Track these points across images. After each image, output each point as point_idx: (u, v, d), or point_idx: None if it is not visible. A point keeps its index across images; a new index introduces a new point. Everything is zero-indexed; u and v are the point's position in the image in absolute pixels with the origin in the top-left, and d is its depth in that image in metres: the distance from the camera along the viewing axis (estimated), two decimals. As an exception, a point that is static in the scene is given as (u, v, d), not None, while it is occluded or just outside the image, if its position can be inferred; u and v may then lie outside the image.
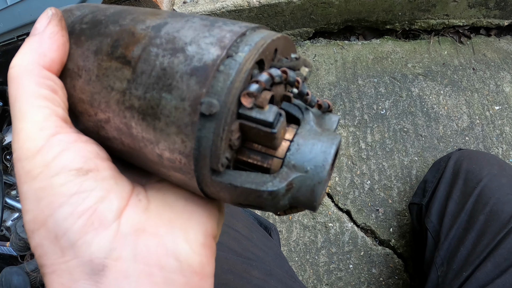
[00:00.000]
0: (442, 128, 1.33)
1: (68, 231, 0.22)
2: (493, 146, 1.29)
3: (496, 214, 0.78)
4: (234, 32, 0.23)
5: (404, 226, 1.20)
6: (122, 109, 0.24)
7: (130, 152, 0.25)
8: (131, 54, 0.23)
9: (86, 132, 0.27)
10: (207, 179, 0.23)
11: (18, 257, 1.12)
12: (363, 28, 1.55)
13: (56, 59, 0.26)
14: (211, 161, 0.22)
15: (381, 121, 1.36)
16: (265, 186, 0.22)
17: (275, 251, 0.88)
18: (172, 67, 0.22)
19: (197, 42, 0.22)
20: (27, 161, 0.23)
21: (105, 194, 0.23)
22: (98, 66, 0.24)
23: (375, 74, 1.45)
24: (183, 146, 0.22)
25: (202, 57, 0.22)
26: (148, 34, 0.24)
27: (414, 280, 1.13)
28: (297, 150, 0.23)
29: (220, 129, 0.21)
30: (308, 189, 0.22)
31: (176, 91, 0.22)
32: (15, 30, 1.05)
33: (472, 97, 1.38)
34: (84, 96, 0.25)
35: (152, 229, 0.24)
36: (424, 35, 1.52)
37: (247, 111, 0.22)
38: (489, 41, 1.49)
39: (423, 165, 1.27)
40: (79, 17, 0.27)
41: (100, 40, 0.25)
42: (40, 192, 0.22)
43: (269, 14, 1.44)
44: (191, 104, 0.21)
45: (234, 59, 0.21)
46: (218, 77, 0.21)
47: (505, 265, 0.71)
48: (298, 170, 0.22)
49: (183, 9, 1.41)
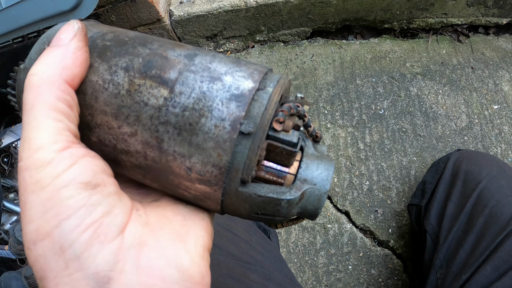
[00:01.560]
0: (440, 127, 1.33)
1: (74, 243, 0.22)
2: (492, 146, 1.28)
3: (495, 216, 0.78)
4: (260, 70, 0.28)
5: (403, 226, 1.19)
6: (155, 123, 0.26)
7: (149, 166, 0.27)
8: (168, 76, 0.26)
9: (97, 145, 0.28)
10: (233, 190, 0.26)
11: (17, 261, 1.11)
12: (361, 27, 1.54)
13: (78, 75, 0.26)
14: (243, 173, 0.26)
15: (380, 121, 1.36)
16: (284, 195, 0.27)
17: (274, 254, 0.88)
18: (211, 91, 0.26)
19: (232, 74, 0.27)
20: (36, 171, 0.23)
21: (110, 208, 0.24)
22: (130, 82, 0.27)
23: (373, 74, 1.45)
24: (219, 160, 0.25)
25: (239, 87, 0.26)
26: (182, 60, 0.27)
27: (413, 281, 1.13)
28: (306, 168, 0.28)
29: (255, 145, 0.25)
30: (316, 198, 0.28)
31: (217, 112, 0.25)
32: (11, 33, 1.05)
33: (470, 96, 1.38)
34: (108, 109, 0.27)
35: (153, 242, 0.25)
36: (423, 34, 1.51)
37: (276, 133, 0.27)
38: (488, 40, 1.49)
39: (422, 165, 1.27)
40: (98, 33, 0.29)
41: (130, 58, 0.27)
42: (48, 202, 0.22)
43: (266, 14, 1.43)
44: (231, 124, 0.25)
45: (265, 92, 0.26)
46: (254, 104, 0.26)
47: (504, 268, 0.71)
48: (308, 183, 0.28)
49: (179, 9, 1.40)
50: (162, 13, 1.36)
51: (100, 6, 1.30)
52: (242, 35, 1.54)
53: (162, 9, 1.37)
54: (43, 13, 0.98)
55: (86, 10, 0.97)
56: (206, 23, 1.45)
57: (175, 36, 1.49)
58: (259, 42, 1.57)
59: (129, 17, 1.36)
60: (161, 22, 1.39)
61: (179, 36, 1.50)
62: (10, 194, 1.23)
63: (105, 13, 1.34)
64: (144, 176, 0.29)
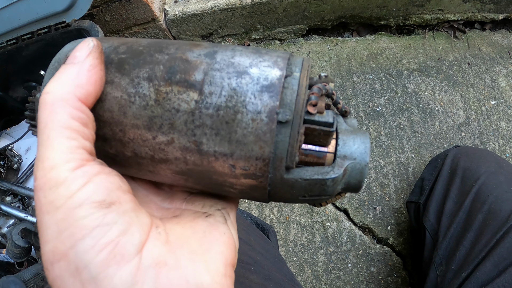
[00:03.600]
0: (438, 124, 1.33)
1: (89, 264, 0.22)
2: (490, 141, 1.29)
3: (495, 212, 0.78)
4: (282, 57, 0.27)
5: (402, 223, 1.19)
6: (191, 128, 0.26)
7: (192, 170, 0.27)
8: (194, 78, 0.26)
9: (133, 159, 0.28)
10: (278, 178, 0.27)
11: (15, 264, 1.11)
12: (357, 24, 1.53)
13: (93, 93, 0.26)
14: (287, 160, 0.26)
15: (377, 118, 1.36)
16: (328, 175, 0.27)
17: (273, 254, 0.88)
18: (241, 86, 0.26)
19: (257, 65, 0.27)
20: (50, 191, 0.23)
21: (127, 227, 0.23)
22: (156, 91, 0.26)
23: (370, 71, 1.45)
24: (261, 152, 0.26)
25: (267, 77, 0.26)
26: (204, 60, 0.27)
27: (413, 278, 1.13)
28: (344, 144, 0.29)
29: (295, 132, 0.25)
30: (357, 172, 0.28)
31: (251, 106, 0.25)
32: (4, 35, 1.03)
33: (467, 92, 1.38)
34: (139, 122, 0.26)
35: (173, 261, 0.24)
36: (419, 30, 1.51)
37: (311, 117, 0.27)
38: (484, 35, 1.49)
39: (420, 162, 1.27)
40: (110, 47, 0.29)
41: (150, 67, 0.27)
42: (62, 223, 0.22)
43: (262, 12, 1.42)
44: (267, 115, 0.25)
45: (293, 78, 0.26)
46: (285, 92, 0.26)
47: (504, 264, 0.71)
48: (348, 158, 0.28)
49: (174, 8, 1.39)
50: (156, 13, 1.35)
51: (94, 6, 1.29)
52: (237, 33, 1.53)
53: (157, 9, 1.36)
54: (37, 15, 0.97)
55: (80, 10, 0.96)
56: (201, 22, 1.44)
57: (170, 35, 1.48)
58: (254, 40, 1.56)
59: (124, 17, 1.35)
60: (156, 21, 1.38)
61: (174, 36, 1.49)
62: (7, 197, 1.22)
63: (99, 13, 1.32)
64: (186, 180, 0.29)
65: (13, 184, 1.22)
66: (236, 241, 0.29)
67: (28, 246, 0.98)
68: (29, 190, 1.20)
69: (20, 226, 1.01)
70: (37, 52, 1.07)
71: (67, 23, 0.97)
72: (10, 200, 1.22)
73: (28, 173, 1.26)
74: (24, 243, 0.97)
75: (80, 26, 0.97)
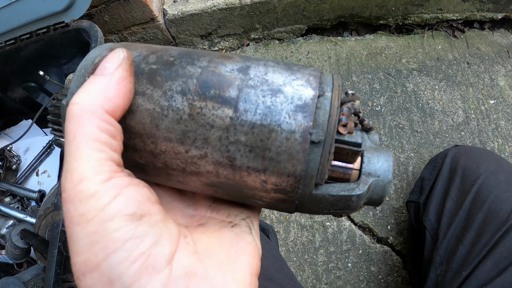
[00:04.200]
0: (437, 123, 1.33)
1: (122, 276, 0.22)
2: (489, 141, 1.29)
3: (495, 212, 0.78)
4: (314, 75, 0.28)
5: (402, 223, 1.20)
6: (225, 144, 0.26)
7: (222, 183, 0.28)
8: (228, 94, 0.27)
9: (163, 169, 0.28)
10: (307, 194, 0.27)
11: (14, 265, 1.10)
12: (356, 24, 1.53)
13: (121, 106, 0.26)
14: (317, 178, 0.27)
15: (377, 117, 1.36)
16: (354, 192, 0.28)
17: (274, 254, 0.88)
18: (276, 105, 0.26)
19: (290, 84, 0.27)
20: (80, 203, 0.23)
21: (158, 238, 0.24)
22: (190, 105, 0.27)
23: (369, 70, 1.45)
24: (293, 169, 0.26)
25: (301, 97, 0.27)
26: (237, 76, 0.27)
27: (413, 277, 1.14)
28: (369, 162, 0.30)
29: (326, 152, 0.26)
30: (380, 188, 0.29)
31: (286, 125, 0.26)
32: (3, 35, 1.03)
33: (467, 91, 1.38)
34: (172, 135, 0.27)
35: (202, 271, 0.25)
36: (418, 30, 1.51)
37: (341, 137, 0.28)
38: (483, 35, 1.49)
39: (419, 161, 1.27)
40: (139, 56, 0.29)
41: (183, 81, 0.27)
42: (94, 235, 0.22)
43: (261, 12, 1.42)
44: (301, 135, 0.26)
45: (325, 98, 0.27)
46: (319, 112, 0.27)
47: (504, 263, 0.71)
48: (372, 176, 0.29)
49: (173, 8, 1.39)
50: (156, 13, 1.35)
51: (93, 6, 1.28)
52: (236, 33, 1.53)
53: (156, 8, 1.36)
54: (35, 14, 0.96)
55: (79, 10, 0.95)
56: (200, 21, 1.43)
57: (169, 35, 1.48)
58: (254, 40, 1.56)
59: (123, 17, 1.34)
60: (155, 21, 1.38)
61: (173, 36, 1.49)
62: (6, 198, 1.21)
63: (98, 13, 1.32)
64: (215, 192, 0.30)
65: (12, 185, 1.21)
66: (260, 249, 0.30)
67: (28, 247, 0.98)
68: (28, 191, 1.19)
69: (20, 227, 1.01)
70: (35, 53, 1.07)
71: (66, 23, 0.97)
72: (9, 201, 1.22)
73: (27, 174, 1.25)
74: (24, 244, 0.97)
75: (79, 26, 0.96)
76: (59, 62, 1.13)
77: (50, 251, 0.77)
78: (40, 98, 1.26)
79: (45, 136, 1.30)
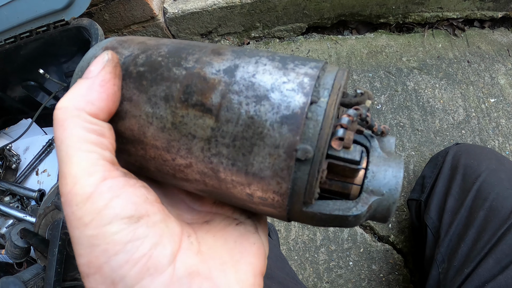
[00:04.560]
0: (438, 122, 1.33)
1: (125, 277, 0.22)
2: (490, 139, 1.29)
3: (496, 209, 0.78)
4: (311, 76, 0.24)
5: (403, 221, 1.19)
6: (207, 155, 0.25)
7: (212, 191, 0.27)
8: (210, 102, 0.24)
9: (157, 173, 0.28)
10: (297, 210, 0.25)
11: (14, 265, 1.10)
12: (357, 22, 1.53)
13: (104, 109, 0.25)
14: (305, 196, 0.24)
15: (377, 116, 1.36)
16: (350, 212, 0.25)
17: (275, 252, 0.87)
18: (259, 115, 0.23)
19: (279, 88, 0.24)
20: (77, 207, 0.23)
21: (158, 239, 0.23)
22: (173, 113, 0.25)
23: (370, 69, 1.44)
24: (278, 187, 0.24)
25: (289, 105, 0.23)
26: (222, 79, 0.25)
27: (414, 275, 1.13)
28: (373, 177, 0.26)
29: (314, 170, 0.23)
30: (384, 209, 0.26)
31: (269, 139, 0.23)
32: (3, 33, 1.03)
33: (467, 90, 1.38)
34: (158, 143, 0.26)
35: (205, 271, 0.24)
36: (418, 28, 1.51)
37: (335, 152, 0.25)
38: (483, 34, 1.49)
39: (420, 160, 1.27)
40: (129, 57, 0.27)
41: (167, 85, 0.25)
42: (94, 239, 0.22)
43: (262, 10, 1.42)
44: (286, 151, 0.23)
45: (319, 105, 0.23)
46: (308, 124, 0.23)
47: (506, 261, 0.71)
48: (375, 194, 0.25)
49: (173, 6, 1.39)
50: (156, 11, 1.34)
51: (93, 5, 1.28)
52: (237, 31, 1.52)
53: (156, 7, 1.35)
54: (35, 13, 0.96)
55: (79, 8, 0.95)
56: (200, 20, 1.43)
57: (169, 34, 1.47)
58: (254, 38, 1.56)
59: (123, 15, 1.34)
60: (155, 20, 1.38)
61: (173, 34, 1.49)
62: (5, 198, 1.21)
63: (98, 11, 1.32)
64: (209, 196, 0.29)
65: (12, 184, 1.21)
66: (266, 248, 0.29)
67: (27, 247, 0.98)
68: (28, 190, 1.19)
69: (19, 226, 1.01)
70: (35, 51, 1.07)
71: (66, 21, 0.97)
72: (9, 200, 1.22)
73: (26, 173, 1.25)
74: (23, 243, 0.97)
75: (79, 24, 0.96)
76: (59, 61, 1.13)
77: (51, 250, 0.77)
78: (40, 97, 1.26)
79: (44, 135, 1.30)
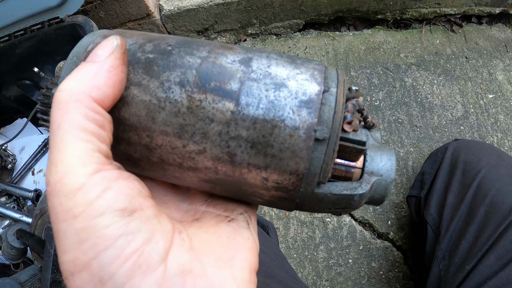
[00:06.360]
0: (437, 118, 1.32)
1: (114, 275, 0.21)
2: (488, 135, 1.28)
3: (497, 205, 0.77)
4: (318, 70, 0.27)
5: (402, 218, 1.19)
6: (225, 139, 0.25)
7: (221, 179, 0.27)
8: (230, 87, 0.25)
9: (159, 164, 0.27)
10: (309, 192, 0.27)
11: (10, 266, 1.09)
12: (354, 19, 1.52)
13: (110, 96, 0.24)
14: (320, 177, 0.26)
15: (376, 112, 1.35)
16: (356, 191, 0.28)
17: (274, 251, 0.87)
18: (279, 100, 0.25)
19: (294, 78, 0.26)
20: (66, 198, 0.21)
21: (151, 235, 0.22)
22: (189, 97, 0.25)
23: (367, 65, 1.44)
24: (296, 167, 0.25)
25: (305, 92, 0.25)
26: (239, 68, 0.26)
27: (414, 272, 1.13)
28: (372, 161, 0.29)
29: (330, 150, 0.25)
30: (382, 188, 0.29)
31: (289, 121, 0.25)
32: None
33: (465, 86, 1.37)
34: (169, 129, 0.25)
35: (199, 269, 0.23)
36: (416, 24, 1.51)
37: (346, 134, 0.27)
38: (481, 29, 1.48)
39: (419, 156, 1.27)
40: (135, 44, 0.27)
41: (182, 71, 0.26)
42: (83, 233, 0.21)
43: (258, 7, 1.40)
44: (305, 132, 0.25)
45: (330, 93, 0.26)
46: (323, 109, 0.25)
47: (508, 257, 0.71)
48: (375, 175, 0.29)
49: (169, 3, 1.37)
50: (151, 8, 1.33)
51: (88, 2, 1.26)
52: (233, 28, 1.51)
53: (152, 4, 1.34)
54: (30, 10, 0.94)
55: (74, 5, 0.94)
56: (196, 17, 1.42)
57: (165, 31, 1.46)
58: (251, 35, 1.55)
59: (118, 12, 1.33)
60: (151, 17, 1.36)
61: (169, 31, 1.47)
62: (1, 198, 1.20)
63: (94, 9, 1.30)
64: (212, 188, 0.28)
65: (8, 185, 1.19)
66: (258, 245, 0.29)
67: (24, 247, 0.97)
68: (24, 191, 1.18)
69: (15, 227, 1.00)
70: (30, 49, 1.05)
71: (60, 19, 0.95)
72: (5, 201, 1.20)
73: (22, 173, 1.24)
74: (20, 244, 0.96)
75: (74, 22, 0.95)
76: (54, 59, 1.11)
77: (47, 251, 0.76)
78: (35, 96, 1.24)
79: (40, 135, 1.28)
